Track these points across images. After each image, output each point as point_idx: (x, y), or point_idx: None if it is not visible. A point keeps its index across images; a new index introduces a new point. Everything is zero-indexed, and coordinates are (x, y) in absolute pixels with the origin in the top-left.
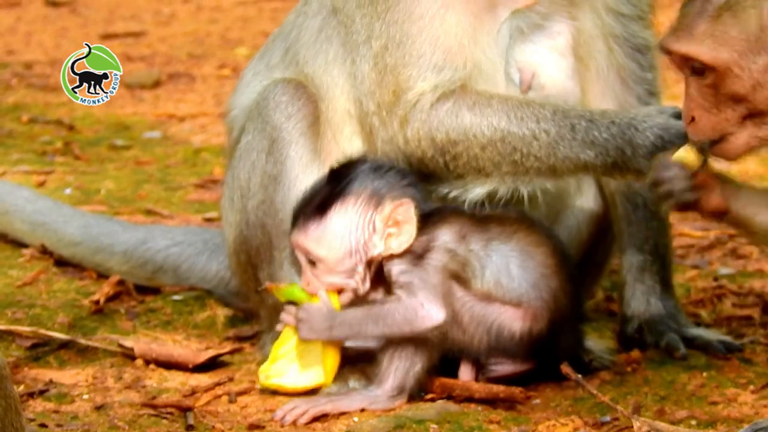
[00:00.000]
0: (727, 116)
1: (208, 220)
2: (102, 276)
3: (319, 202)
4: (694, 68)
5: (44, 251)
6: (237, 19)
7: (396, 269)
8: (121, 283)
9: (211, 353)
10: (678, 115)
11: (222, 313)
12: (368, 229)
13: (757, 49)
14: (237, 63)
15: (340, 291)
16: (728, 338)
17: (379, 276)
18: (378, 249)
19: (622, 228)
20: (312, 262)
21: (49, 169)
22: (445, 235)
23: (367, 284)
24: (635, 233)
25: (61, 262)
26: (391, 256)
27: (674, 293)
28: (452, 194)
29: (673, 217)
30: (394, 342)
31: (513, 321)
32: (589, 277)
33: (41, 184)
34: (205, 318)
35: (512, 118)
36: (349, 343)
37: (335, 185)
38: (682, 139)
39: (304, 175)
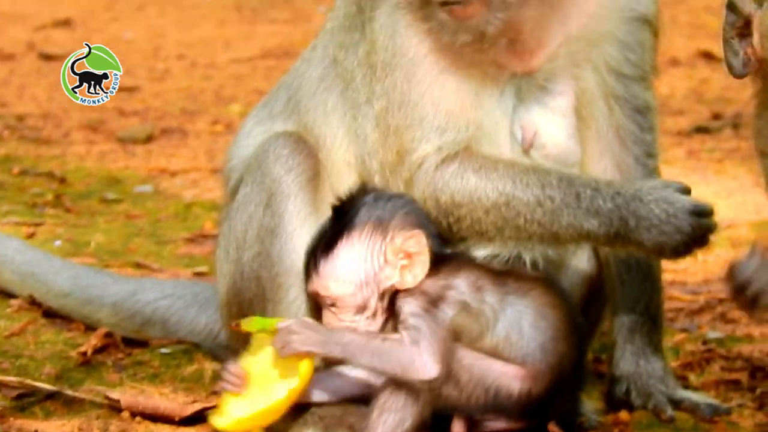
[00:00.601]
0: None
1: (198, 274)
2: (90, 328)
3: (326, 241)
4: None
5: (33, 302)
6: (231, 76)
7: (407, 308)
8: (108, 335)
9: (197, 407)
10: (683, 191)
11: (210, 366)
12: (378, 261)
13: None
14: (230, 119)
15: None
16: (716, 401)
17: (392, 311)
18: (392, 280)
19: (615, 288)
20: (330, 305)
21: (39, 221)
22: (461, 285)
23: (380, 320)
24: (627, 294)
25: (50, 314)
26: (406, 291)
27: (664, 355)
28: None
29: (664, 280)
30: (386, 394)
31: (513, 380)
32: None
33: (31, 236)
34: (192, 371)
35: (518, 183)
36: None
37: (340, 220)
38: (686, 214)
39: (302, 229)
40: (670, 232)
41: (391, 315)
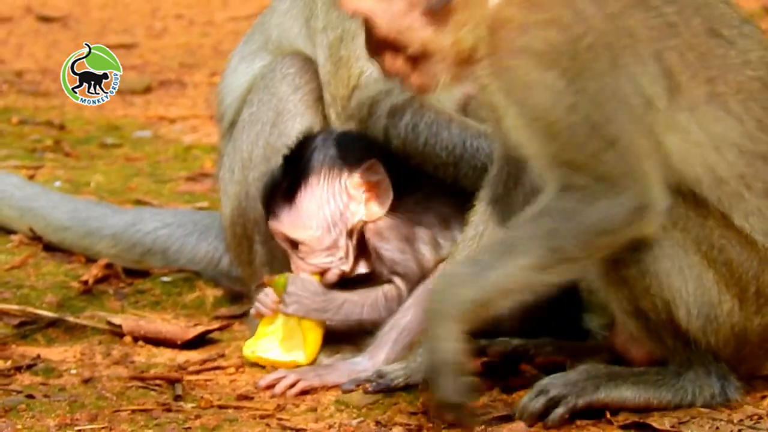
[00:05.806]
0: (392, 61)
1: (198, 209)
2: (91, 260)
3: (285, 188)
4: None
5: (33, 237)
6: (229, 33)
7: (388, 255)
8: (109, 266)
9: (199, 329)
10: None
11: (211, 293)
12: (341, 199)
13: None
14: None
15: (324, 272)
16: None
17: (362, 248)
18: (359, 215)
19: None
20: (294, 246)
21: (38, 164)
22: (431, 224)
23: (351, 258)
24: None
25: (50, 248)
26: (377, 237)
27: None
28: None
29: None
30: (402, 313)
31: None
32: None
33: (31, 178)
34: (193, 298)
35: (467, 147)
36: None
37: (295, 167)
38: None
39: None
40: None
41: (362, 252)
